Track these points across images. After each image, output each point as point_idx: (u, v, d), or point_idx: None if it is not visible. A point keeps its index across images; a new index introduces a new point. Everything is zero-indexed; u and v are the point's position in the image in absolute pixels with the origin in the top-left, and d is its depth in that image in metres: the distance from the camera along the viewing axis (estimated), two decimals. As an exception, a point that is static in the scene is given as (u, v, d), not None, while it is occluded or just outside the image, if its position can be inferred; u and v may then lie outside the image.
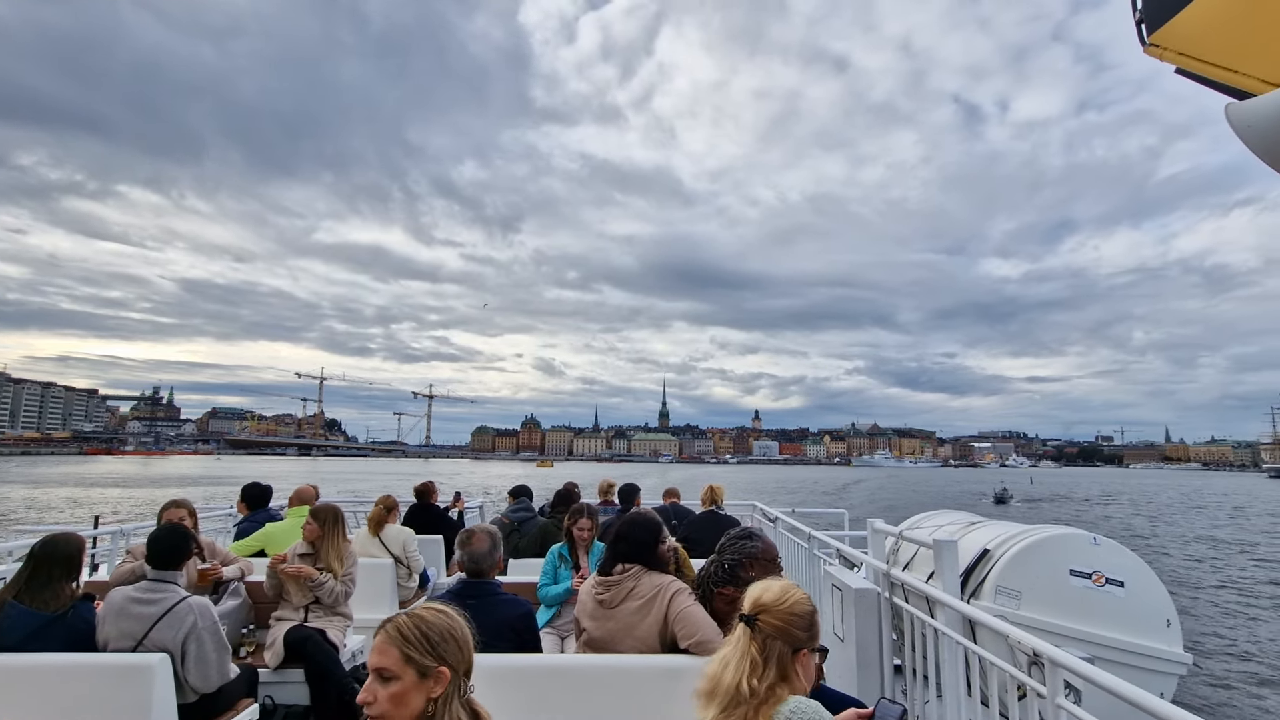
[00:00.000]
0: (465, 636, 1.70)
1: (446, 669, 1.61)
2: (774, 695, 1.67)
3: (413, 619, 1.65)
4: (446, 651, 1.63)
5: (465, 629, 1.71)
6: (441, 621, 1.67)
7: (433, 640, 1.62)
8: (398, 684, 1.57)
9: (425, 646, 1.60)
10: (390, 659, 1.58)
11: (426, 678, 1.59)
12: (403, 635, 1.61)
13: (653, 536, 3.19)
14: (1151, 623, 3.91)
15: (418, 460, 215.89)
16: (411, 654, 1.59)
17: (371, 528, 5.67)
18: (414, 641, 1.60)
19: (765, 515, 7.91)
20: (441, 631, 1.65)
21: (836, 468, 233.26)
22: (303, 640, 4.02)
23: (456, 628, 1.69)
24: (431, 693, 1.59)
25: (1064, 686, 2.30)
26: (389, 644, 1.60)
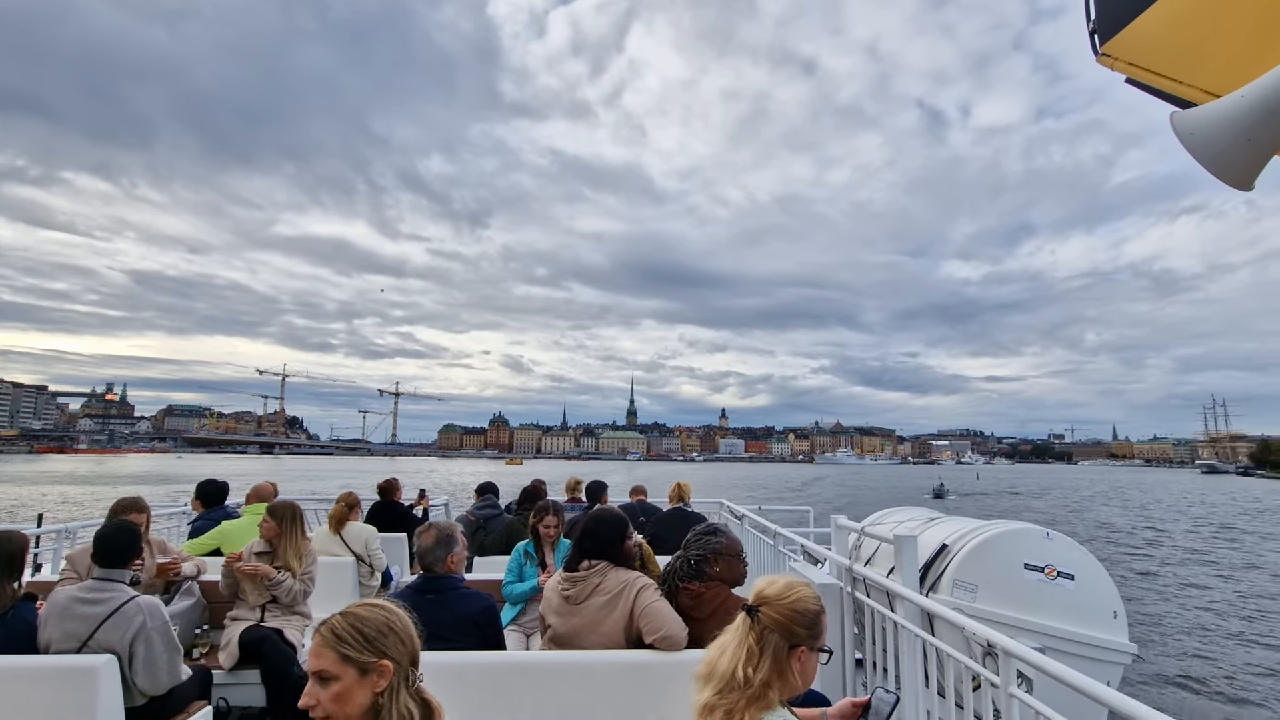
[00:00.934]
0: (406, 628, 1.69)
1: (388, 662, 1.60)
2: (766, 694, 1.68)
3: (346, 618, 1.63)
4: (387, 645, 1.62)
5: (405, 620, 1.70)
6: (377, 616, 1.65)
7: (369, 636, 1.60)
8: (337, 684, 1.56)
9: (362, 643, 1.59)
10: (327, 660, 1.57)
11: (368, 674, 1.58)
12: (337, 636, 1.59)
13: (619, 533, 3.20)
14: (1099, 614, 4.06)
15: (383, 458, 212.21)
16: (349, 653, 1.57)
17: (332, 525, 5.55)
18: (350, 640, 1.59)
19: (732, 513, 7.97)
20: (378, 626, 1.63)
21: (800, 465, 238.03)
22: (259, 640, 3.92)
23: (395, 620, 1.67)
24: (376, 687, 1.58)
25: (1017, 676, 2.37)
26: (324, 646, 1.59)
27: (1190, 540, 30.81)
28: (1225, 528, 36.42)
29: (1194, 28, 1.61)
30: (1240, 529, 35.95)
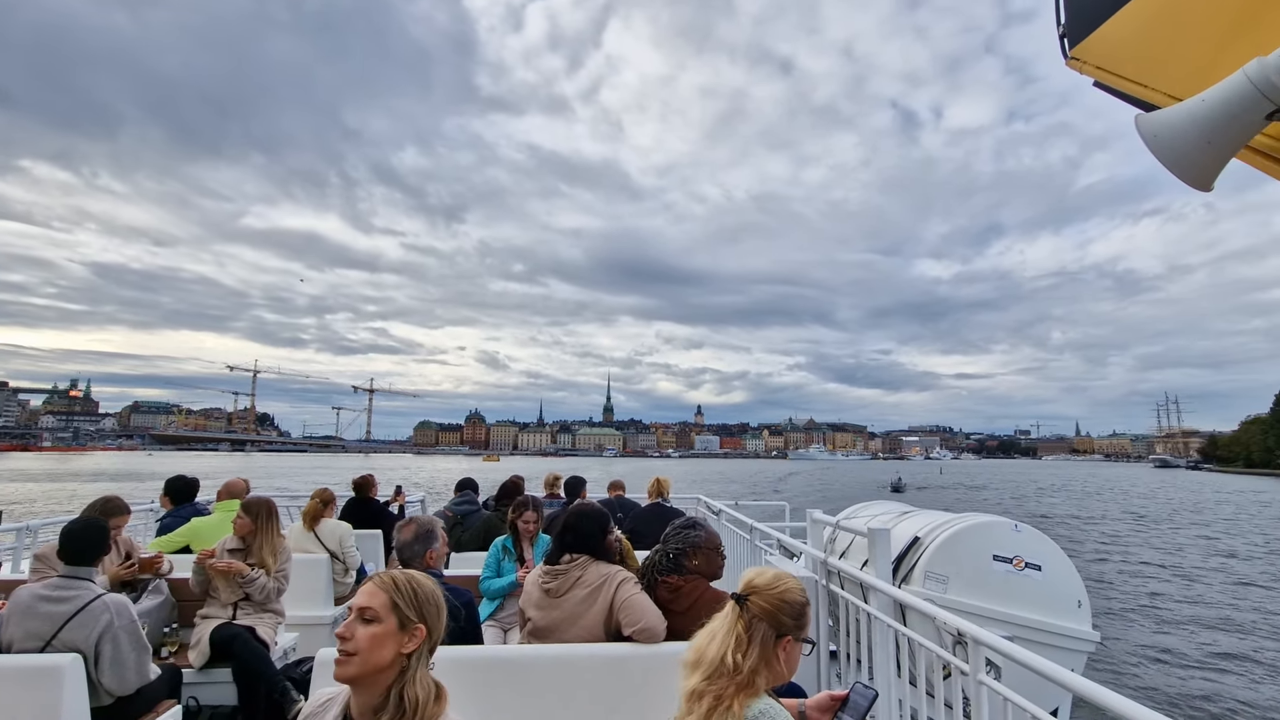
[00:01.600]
0: (444, 608, 1.76)
1: (424, 628, 1.66)
2: (754, 681, 1.71)
3: (406, 575, 1.71)
4: (428, 613, 1.68)
5: (445, 603, 1.77)
6: (430, 586, 1.74)
7: (420, 598, 1.67)
8: (378, 626, 1.61)
9: (413, 600, 1.66)
10: (377, 601, 1.63)
11: (404, 630, 1.63)
12: (395, 584, 1.67)
13: (600, 527, 3.20)
14: (1065, 604, 4.18)
15: (358, 455, 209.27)
16: (399, 602, 1.64)
17: (306, 522, 5.47)
18: (404, 593, 1.65)
19: (709, 508, 8.02)
20: (429, 593, 1.71)
21: (774, 461, 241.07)
22: (230, 638, 3.85)
23: (440, 597, 1.75)
24: (404, 647, 1.63)
25: (985, 664, 2.44)
26: (379, 589, 1.65)
27: (1124, 528, 32.63)
28: (1155, 518, 38.55)
29: (1159, 33, 1.67)
30: (1180, 520, 37.93)
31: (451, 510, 6.18)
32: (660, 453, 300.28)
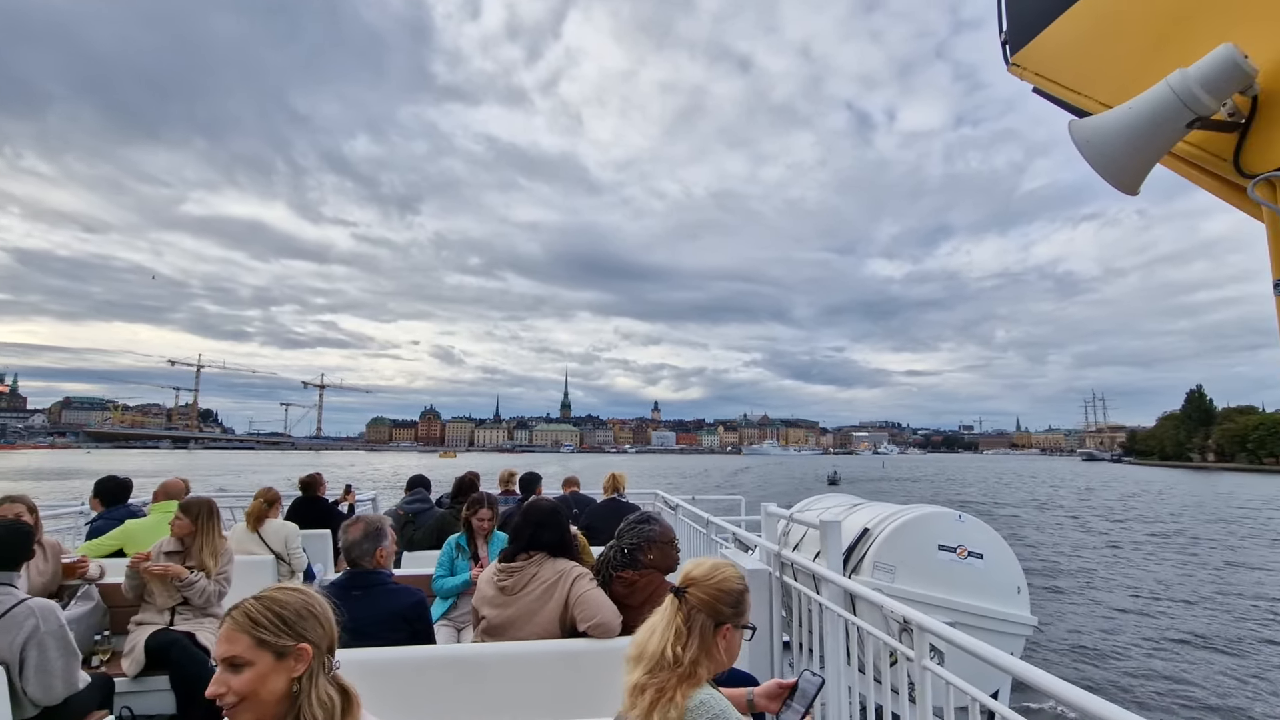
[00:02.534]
0: (324, 611, 1.63)
1: (308, 645, 1.54)
2: (696, 671, 1.72)
3: (262, 601, 1.56)
4: (306, 629, 1.56)
5: (323, 604, 1.64)
6: (294, 599, 1.59)
7: (286, 619, 1.54)
8: (251, 670, 1.48)
9: (280, 626, 1.52)
10: (240, 646, 1.49)
11: (285, 658, 1.51)
12: (251, 619, 1.51)
13: (556, 524, 3.19)
14: (1005, 590, 4.36)
15: (308, 452, 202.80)
16: (265, 637, 1.50)
17: (250, 522, 5.28)
18: (267, 624, 1.51)
19: (666, 503, 8.07)
20: (297, 609, 1.57)
21: (729, 456, 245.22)
22: (167, 645, 3.69)
23: (314, 603, 1.61)
24: (294, 672, 1.52)
25: (929, 649, 2.52)
26: (237, 631, 1.50)
27: (1024, 514, 35.50)
28: (1052, 505, 41.96)
29: (1093, 43, 1.74)
30: (1074, 506, 41.17)
31: (403, 508, 6.06)
32: (617, 448, 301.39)
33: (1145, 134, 1.35)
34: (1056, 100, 1.82)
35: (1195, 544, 25.08)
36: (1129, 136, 1.38)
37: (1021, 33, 1.95)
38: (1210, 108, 1.31)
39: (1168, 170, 1.66)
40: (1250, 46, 1.32)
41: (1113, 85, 1.64)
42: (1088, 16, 1.77)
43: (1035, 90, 1.92)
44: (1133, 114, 1.37)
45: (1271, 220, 1.27)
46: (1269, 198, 1.29)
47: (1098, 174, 1.46)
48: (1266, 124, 1.31)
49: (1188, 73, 1.31)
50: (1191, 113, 1.31)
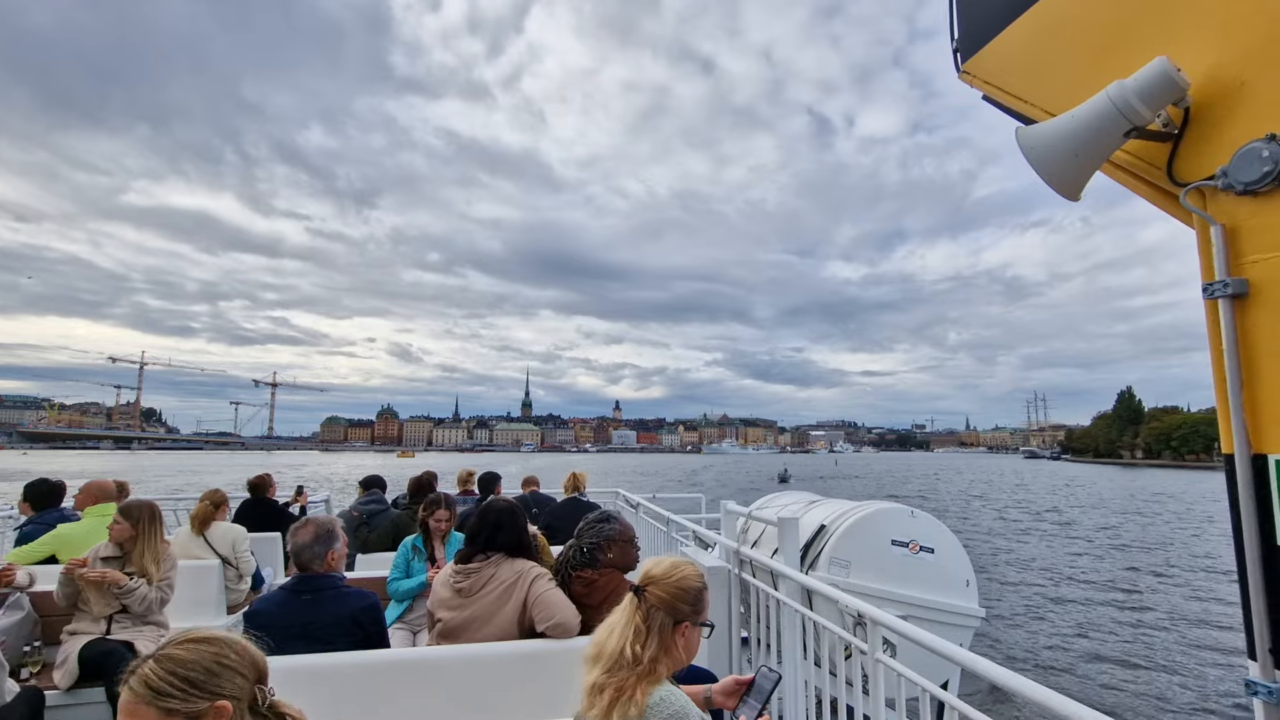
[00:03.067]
0: (240, 656, 1.45)
1: (225, 703, 1.37)
2: (655, 669, 1.72)
3: (162, 665, 1.35)
4: (221, 685, 1.38)
5: (239, 647, 1.47)
6: (202, 655, 1.40)
7: (195, 681, 1.35)
8: None
9: (188, 691, 1.34)
10: (146, 718, 1.31)
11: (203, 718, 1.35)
12: (153, 690, 1.32)
13: (514, 524, 3.15)
14: (955, 583, 4.50)
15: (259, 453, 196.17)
16: (173, 706, 1.32)
17: (195, 526, 5.08)
18: (171, 692, 1.32)
19: (628, 501, 8.07)
20: (205, 667, 1.38)
21: (689, 455, 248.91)
22: (104, 655, 3.52)
23: (225, 654, 1.42)
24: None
25: (882, 642, 2.58)
26: (138, 703, 1.31)
27: (954, 506, 37.88)
28: (986, 498, 45.20)
29: (1038, 53, 1.80)
30: (1004, 499, 44.36)
31: (357, 509, 5.91)
32: (578, 448, 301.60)
33: (1086, 142, 1.41)
34: (1004, 108, 1.88)
35: (1099, 533, 27.03)
36: (1070, 144, 1.43)
37: (972, 41, 2.00)
38: (1146, 118, 1.36)
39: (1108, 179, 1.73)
40: (1183, 61, 1.39)
41: (1056, 94, 1.70)
42: (1034, 28, 1.83)
43: (985, 98, 1.98)
44: (1074, 122, 1.42)
45: (1201, 227, 1.34)
46: (1199, 205, 1.35)
47: (1042, 179, 1.52)
48: (1197, 135, 1.37)
49: (1125, 84, 1.37)
50: (1128, 122, 1.36)
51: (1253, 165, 1.25)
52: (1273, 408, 1.23)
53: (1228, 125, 1.33)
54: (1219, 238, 1.30)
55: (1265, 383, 1.24)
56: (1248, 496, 1.22)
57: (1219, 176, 1.31)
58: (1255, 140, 1.26)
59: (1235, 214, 1.30)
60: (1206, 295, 1.31)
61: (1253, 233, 1.28)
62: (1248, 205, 1.28)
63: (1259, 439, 1.24)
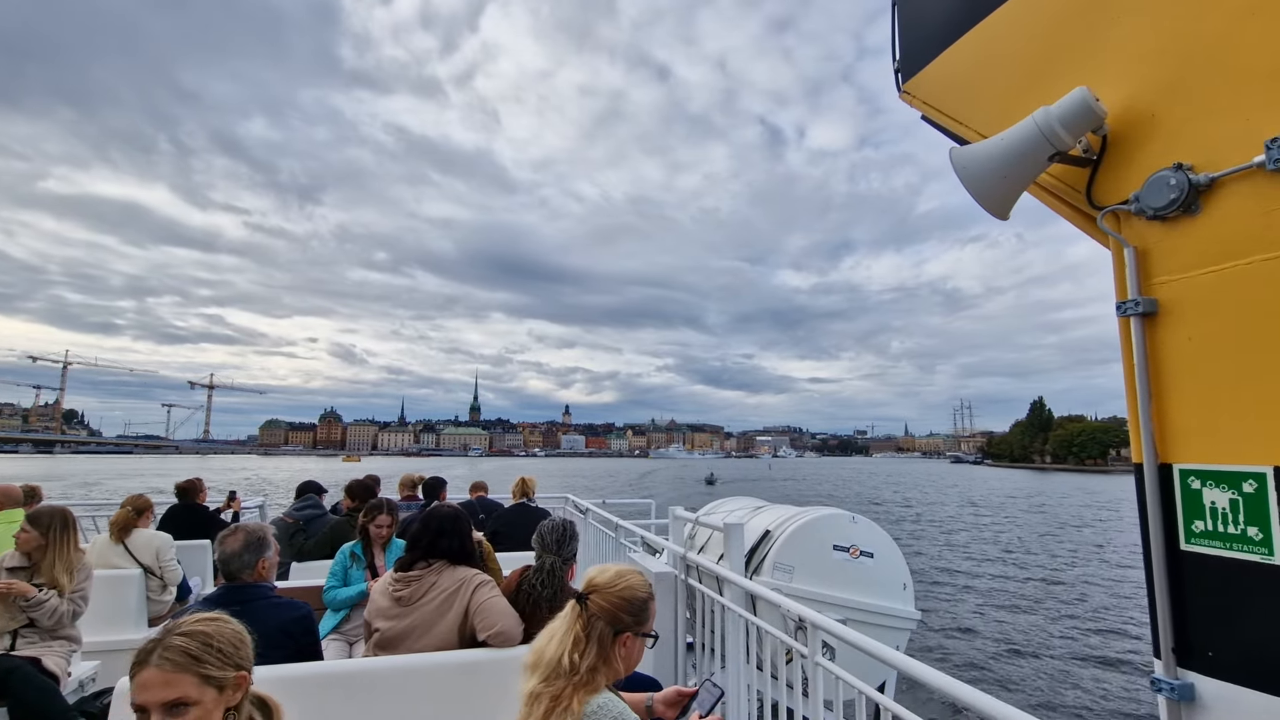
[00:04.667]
0: (249, 636, 1.64)
1: (245, 673, 1.54)
2: (593, 680, 1.70)
3: (194, 638, 1.50)
4: (243, 657, 1.55)
5: (245, 629, 1.64)
6: (225, 629, 1.57)
7: (226, 651, 1.52)
8: (197, 709, 1.43)
9: (223, 659, 1.50)
10: (185, 686, 1.42)
11: (225, 690, 1.49)
12: (194, 657, 1.46)
13: (457, 530, 3.08)
14: (892, 587, 4.62)
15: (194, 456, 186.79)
16: (211, 673, 1.46)
17: (114, 533, 4.79)
18: (210, 660, 1.48)
19: (577, 507, 8.01)
20: (231, 640, 1.56)
21: (636, 459, 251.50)
22: (7, 672, 3.28)
23: (243, 631, 1.62)
24: (231, 702, 1.50)
25: (822, 646, 2.62)
26: (179, 671, 1.43)
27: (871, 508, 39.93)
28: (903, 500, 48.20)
29: (972, 77, 1.88)
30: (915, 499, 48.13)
31: (292, 515, 5.69)
32: (527, 452, 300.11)
33: (1013, 164, 1.48)
34: (941, 128, 1.96)
35: (1010, 535, 29.08)
36: (999, 165, 1.50)
37: (912, 63, 2.08)
38: (1068, 143, 1.44)
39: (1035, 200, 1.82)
40: (1102, 91, 1.47)
41: (988, 117, 1.78)
42: (969, 53, 1.91)
43: (923, 118, 2.06)
44: (1003, 145, 1.49)
45: (1116, 248, 1.42)
46: (1114, 228, 1.43)
47: (973, 198, 1.58)
48: (1113, 162, 1.46)
49: (1050, 110, 1.44)
50: (1052, 147, 1.44)
51: (1161, 192, 1.33)
52: (1177, 421, 1.30)
53: (1140, 154, 1.42)
54: (1131, 259, 1.38)
55: (1171, 397, 1.31)
56: (1154, 503, 1.29)
57: (1132, 201, 1.39)
58: (1164, 169, 1.34)
59: (1146, 237, 1.38)
60: (1120, 313, 1.39)
61: (1162, 255, 1.36)
62: (1157, 229, 1.36)
63: (1165, 449, 1.31)
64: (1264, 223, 1.22)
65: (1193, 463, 1.28)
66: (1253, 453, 1.19)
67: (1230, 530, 1.20)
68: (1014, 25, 1.70)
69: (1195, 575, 1.25)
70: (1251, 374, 1.20)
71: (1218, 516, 1.21)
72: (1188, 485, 1.28)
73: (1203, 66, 1.33)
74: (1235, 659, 1.18)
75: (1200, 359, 1.29)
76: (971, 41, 1.90)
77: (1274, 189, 1.19)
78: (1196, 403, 1.29)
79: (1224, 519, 1.20)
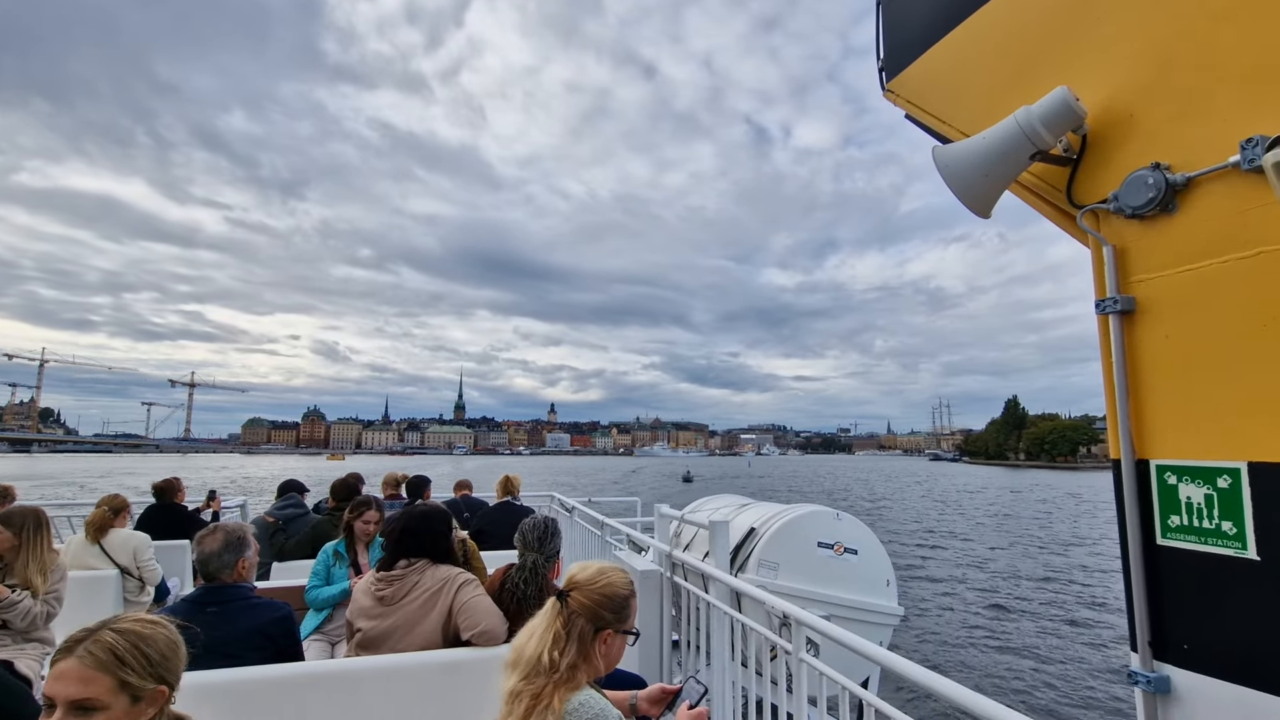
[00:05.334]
0: (182, 648, 1.49)
1: (165, 688, 1.39)
2: (574, 676, 1.69)
3: (125, 636, 1.38)
4: (168, 669, 1.40)
5: (180, 638, 1.49)
6: (161, 635, 1.43)
7: (153, 659, 1.38)
8: (103, 715, 1.29)
9: (146, 667, 1.36)
10: (99, 687, 1.30)
11: (140, 702, 1.34)
12: (117, 657, 1.33)
13: (439, 529, 3.06)
14: (876, 583, 4.66)
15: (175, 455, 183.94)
16: (129, 679, 1.33)
17: (90, 533, 4.70)
18: (133, 665, 1.34)
19: (563, 505, 8.00)
20: (163, 648, 1.41)
21: (621, 458, 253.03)
22: (-22, 677, 3.21)
23: (178, 641, 1.46)
24: (142, 716, 1.35)
25: (806, 643, 2.64)
26: (97, 670, 1.31)
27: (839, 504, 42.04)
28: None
29: (955, 76, 1.90)
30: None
31: (273, 515, 5.62)
32: (512, 450, 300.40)
33: (995, 163, 1.49)
34: (924, 126, 1.97)
35: (990, 531, 29.76)
36: (981, 164, 1.51)
37: (896, 62, 2.09)
38: (1048, 142, 1.45)
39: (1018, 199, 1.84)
40: (1082, 91, 1.48)
41: (970, 116, 1.79)
42: (952, 52, 1.92)
43: (907, 116, 2.07)
44: (985, 144, 1.50)
45: (1095, 247, 1.43)
46: (1094, 226, 1.45)
47: (955, 197, 1.59)
48: (1093, 161, 1.47)
49: (1031, 110, 1.45)
50: (1033, 146, 1.45)
51: (1140, 191, 1.34)
52: (1155, 417, 1.32)
53: (1119, 153, 1.43)
54: (1110, 257, 1.40)
55: (1149, 394, 1.33)
56: (1132, 498, 1.31)
57: (1111, 200, 1.41)
58: (1142, 168, 1.36)
59: (1124, 236, 1.40)
60: (1098, 311, 1.40)
61: (1139, 254, 1.38)
62: (1135, 228, 1.38)
63: (1142, 445, 1.33)
64: (1238, 222, 1.24)
65: (1169, 459, 1.30)
66: (1227, 448, 1.20)
67: (1205, 525, 1.22)
68: (996, 25, 1.71)
69: (1171, 570, 1.27)
70: (1226, 371, 1.22)
71: (1193, 511, 1.23)
72: (1164, 481, 1.29)
73: (1181, 68, 1.35)
74: (1210, 652, 1.20)
75: (1177, 356, 1.30)
76: (954, 41, 1.91)
77: (1248, 189, 1.21)
78: (1173, 399, 1.31)
79: (1199, 514, 1.22)
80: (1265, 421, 1.16)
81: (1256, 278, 1.21)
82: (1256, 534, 1.16)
